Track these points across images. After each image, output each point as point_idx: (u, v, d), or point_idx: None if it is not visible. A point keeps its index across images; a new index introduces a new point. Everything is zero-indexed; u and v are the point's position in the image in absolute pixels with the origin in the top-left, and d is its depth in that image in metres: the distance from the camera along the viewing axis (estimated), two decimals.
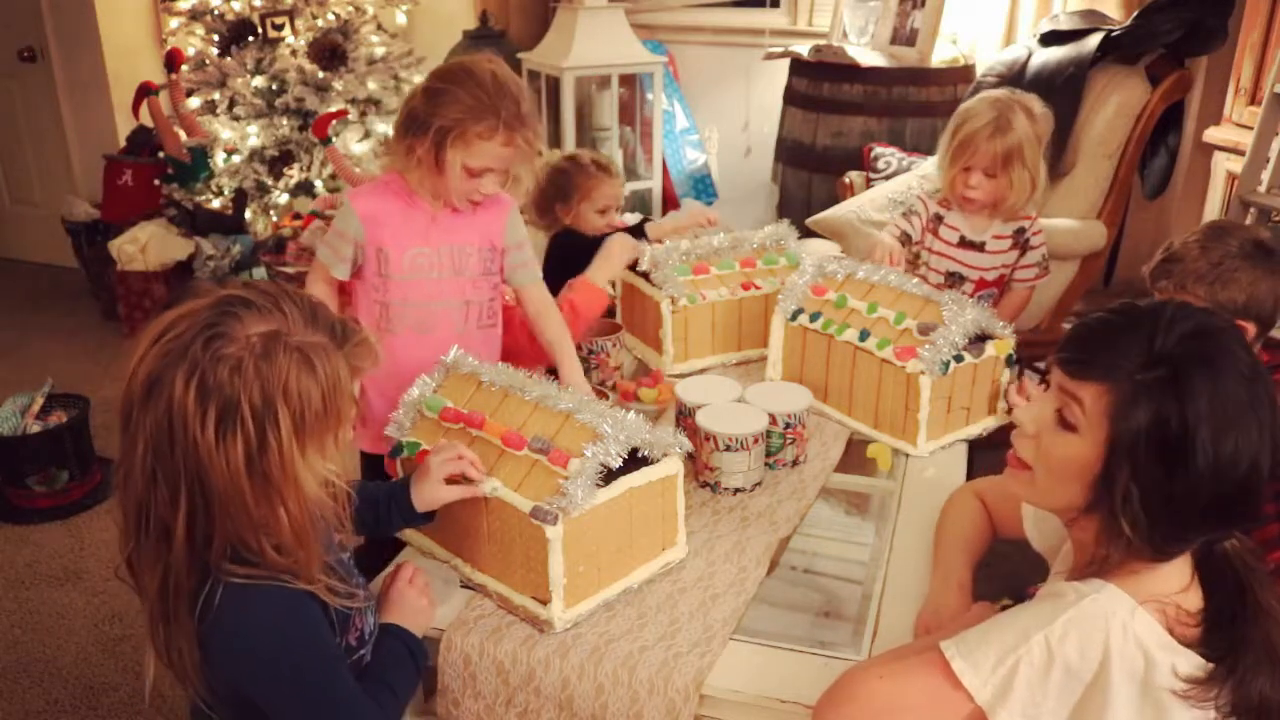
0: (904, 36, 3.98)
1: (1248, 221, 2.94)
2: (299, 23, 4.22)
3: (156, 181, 4.21)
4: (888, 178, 3.58)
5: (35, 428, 2.95)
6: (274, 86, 4.18)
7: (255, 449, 1.00)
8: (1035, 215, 2.28)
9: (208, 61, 4.20)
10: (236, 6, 4.17)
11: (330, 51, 4.20)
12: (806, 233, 3.30)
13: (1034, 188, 2.17)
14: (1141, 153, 3.31)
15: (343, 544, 1.21)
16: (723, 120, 5.01)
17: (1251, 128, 3.01)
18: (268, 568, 1.04)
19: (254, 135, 4.19)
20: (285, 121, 4.19)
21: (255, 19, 4.20)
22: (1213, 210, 3.35)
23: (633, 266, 2.10)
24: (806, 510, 1.59)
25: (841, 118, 3.90)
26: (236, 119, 4.20)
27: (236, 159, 4.21)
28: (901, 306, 1.79)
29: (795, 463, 1.70)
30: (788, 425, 1.67)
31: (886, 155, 3.66)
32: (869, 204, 3.38)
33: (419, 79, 3.22)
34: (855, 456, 1.78)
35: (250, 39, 4.21)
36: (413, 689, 1.24)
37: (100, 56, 4.41)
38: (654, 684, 1.20)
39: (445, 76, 1.71)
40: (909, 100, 3.85)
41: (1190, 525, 0.98)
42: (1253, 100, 3.19)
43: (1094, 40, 3.32)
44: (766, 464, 1.67)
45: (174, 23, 4.31)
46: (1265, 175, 2.94)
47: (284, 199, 4.26)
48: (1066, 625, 0.97)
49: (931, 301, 1.78)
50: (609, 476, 1.29)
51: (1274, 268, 1.59)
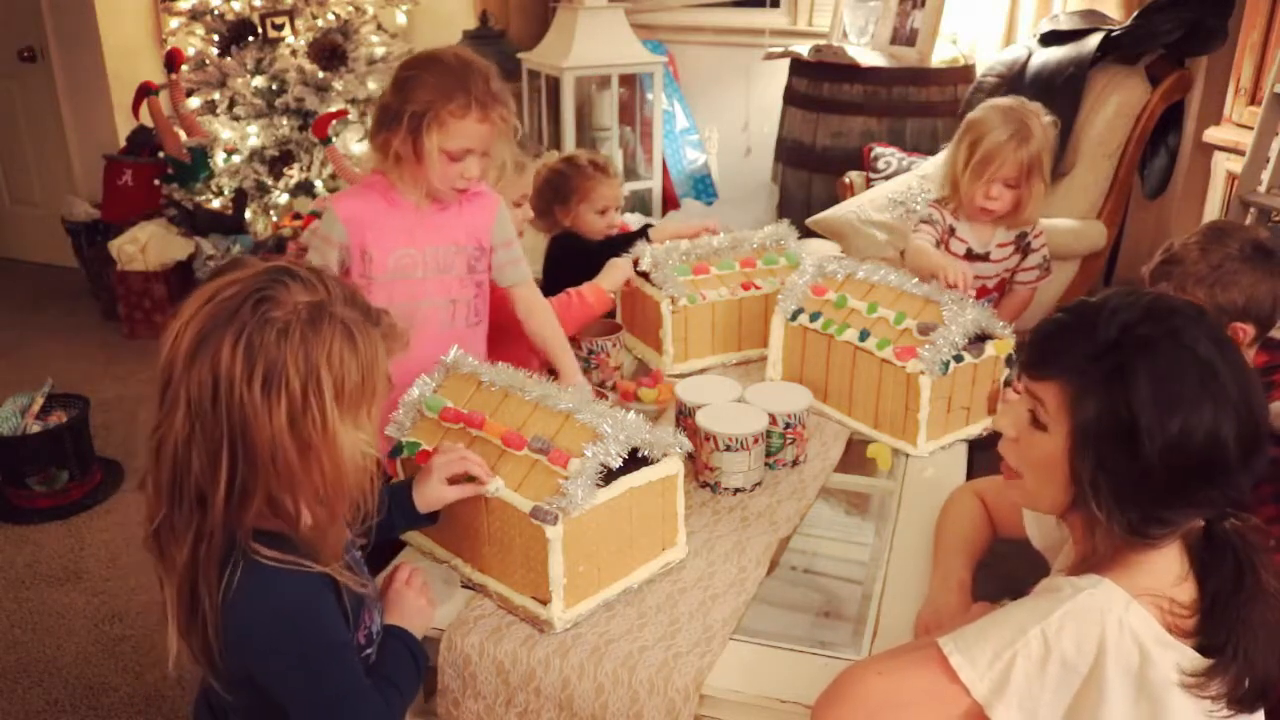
0: (904, 36, 3.98)
1: (1248, 221, 2.93)
2: (299, 23, 4.22)
3: (156, 181, 4.21)
4: (888, 178, 3.58)
5: (35, 428, 2.95)
6: (274, 86, 4.18)
7: (299, 411, 1.01)
8: (1036, 219, 2.27)
9: (208, 61, 4.20)
10: (236, 6, 4.18)
11: (330, 51, 4.20)
12: (806, 233, 3.30)
13: (1045, 194, 2.17)
14: (1141, 153, 3.31)
15: (353, 540, 1.21)
16: (723, 120, 5.01)
17: (1251, 128, 3.01)
18: (294, 544, 1.05)
19: (254, 135, 4.19)
20: (285, 121, 4.20)
21: (255, 19, 4.20)
22: (1213, 210, 3.34)
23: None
24: (806, 510, 1.59)
25: (841, 118, 3.90)
26: (236, 119, 4.21)
27: (236, 159, 4.21)
28: (901, 306, 1.79)
29: (795, 463, 1.70)
30: (788, 425, 1.67)
31: (886, 155, 3.66)
32: (869, 204, 3.38)
33: None
34: (855, 456, 1.78)
35: (250, 39, 4.21)
36: (415, 690, 1.24)
37: (100, 56, 4.41)
38: (654, 684, 1.20)
39: (410, 65, 1.72)
40: (909, 100, 3.85)
41: (1161, 504, 0.99)
42: (1253, 100, 3.18)
43: (1094, 40, 3.32)
44: (766, 464, 1.67)
45: (174, 23, 4.31)
46: (1265, 175, 2.94)
47: (284, 199, 4.26)
48: (1063, 619, 0.97)
49: (931, 301, 1.78)
50: (609, 476, 1.29)
51: (1273, 269, 1.60)
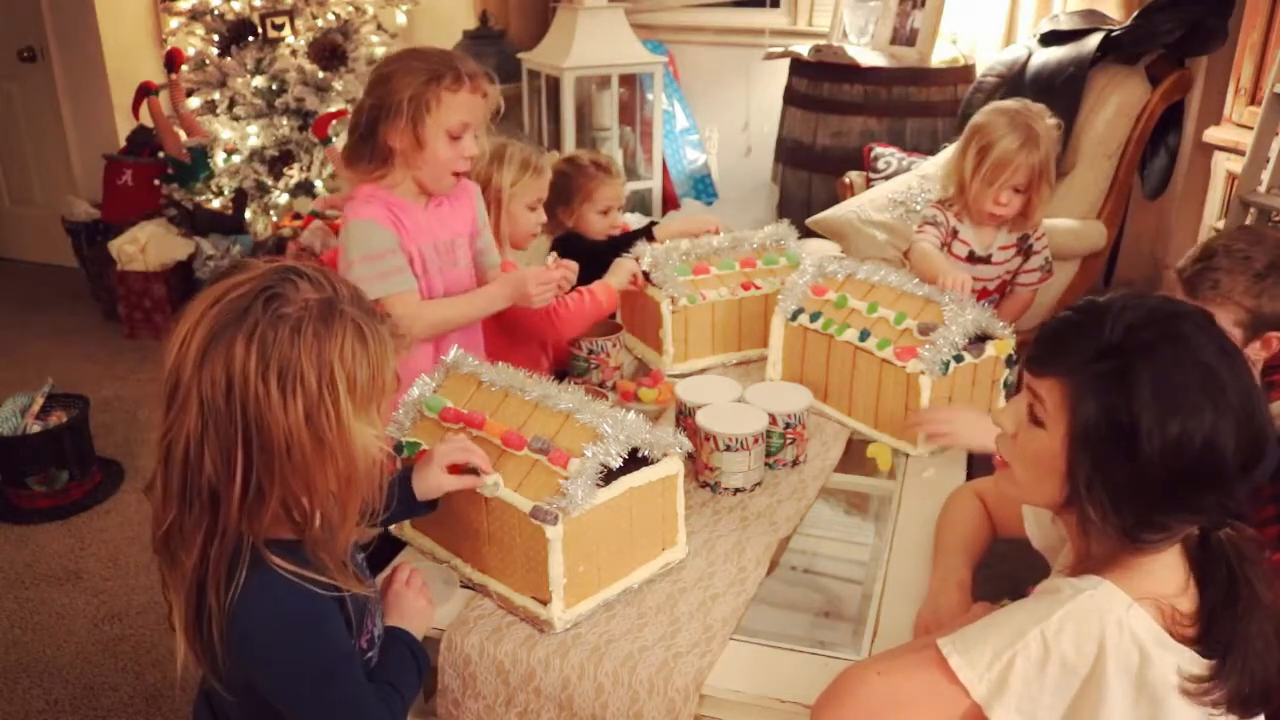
0: (904, 36, 3.98)
1: (1247, 221, 2.93)
2: (299, 23, 4.22)
3: (156, 181, 4.21)
4: (888, 178, 3.58)
5: (35, 428, 2.95)
6: (274, 86, 4.18)
7: (314, 406, 1.01)
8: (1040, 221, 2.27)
9: (208, 61, 4.20)
10: (236, 6, 4.17)
11: (330, 51, 4.20)
12: (806, 233, 3.30)
13: (1050, 197, 2.17)
14: (1141, 153, 3.31)
15: (356, 542, 1.21)
16: (723, 120, 5.01)
17: (1251, 128, 3.01)
18: (304, 555, 1.05)
19: (254, 135, 4.19)
20: (285, 121, 4.19)
21: (255, 19, 4.20)
22: (1213, 210, 3.34)
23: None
24: (806, 510, 1.59)
25: (841, 118, 3.90)
26: (236, 119, 4.20)
27: (236, 159, 4.21)
28: (901, 307, 1.79)
29: (795, 463, 1.70)
30: (788, 425, 1.67)
31: (886, 155, 3.66)
32: (869, 204, 3.38)
33: None
34: (855, 456, 1.78)
35: (250, 39, 4.21)
36: (416, 691, 1.24)
37: (100, 56, 4.41)
38: (654, 684, 1.20)
39: (388, 63, 1.74)
40: (909, 100, 3.85)
41: (1154, 509, 0.98)
42: (1253, 100, 3.18)
43: (1094, 40, 3.32)
44: (766, 464, 1.67)
45: (174, 23, 4.31)
46: (1265, 175, 2.94)
47: (284, 199, 4.26)
48: (1062, 620, 0.97)
49: (931, 301, 1.78)
50: (609, 476, 1.29)
51: None
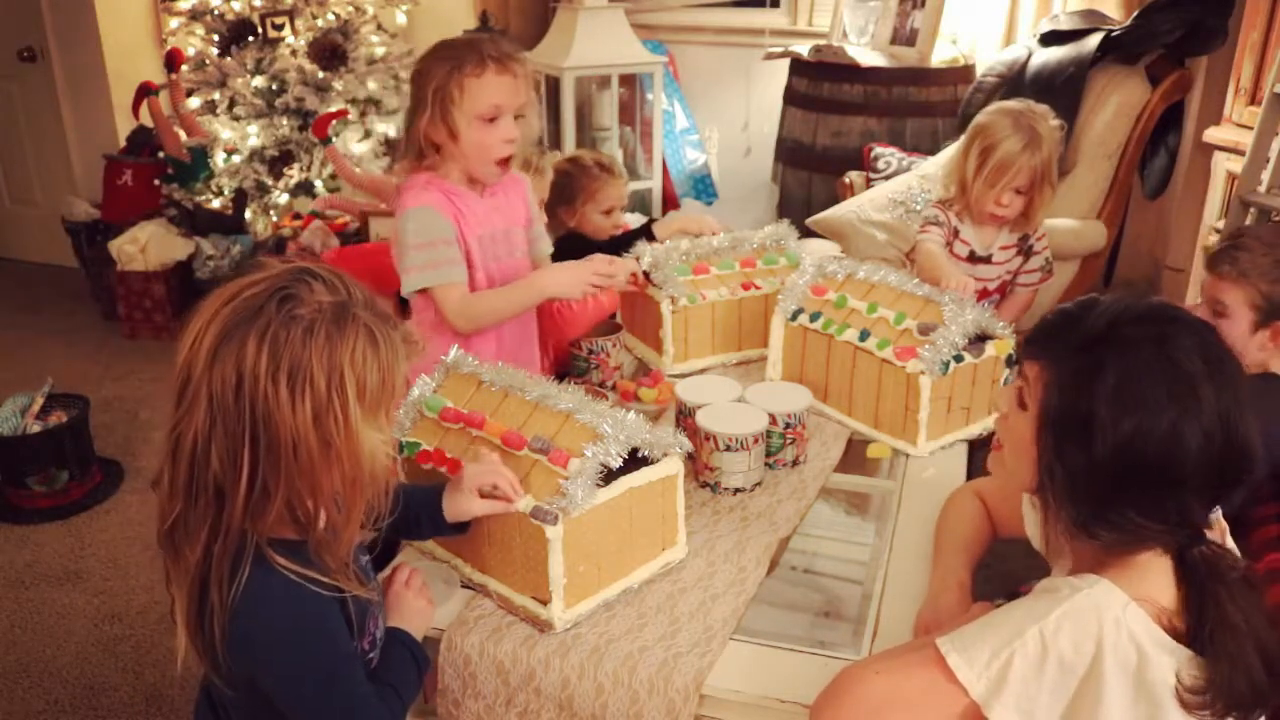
0: (904, 36, 3.98)
1: (1247, 222, 2.93)
2: (299, 23, 4.23)
3: (156, 181, 4.21)
4: (888, 178, 3.58)
5: (35, 428, 2.95)
6: (274, 86, 4.18)
7: (323, 408, 1.01)
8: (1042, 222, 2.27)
9: (208, 61, 4.20)
10: (236, 6, 4.18)
11: (330, 51, 4.20)
12: (806, 233, 3.30)
13: (1052, 198, 2.17)
14: (1141, 153, 3.31)
15: (361, 545, 1.21)
16: (723, 120, 5.01)
17: (1251, 128, 3.01)
18: (308, 556, 1.05)
19: (254, 135, 4.19)
20: (285, 121, 4.20)
21: (255, 19, 4.20)
22: (1213, 210, 3.34)
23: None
24: (806, 510, 1.59)
25: (841, 118, 3.91)
26: (236, 119, 4.21)
27: (236, 159, 4.21)
28: (901, 307, 1.79)
29: (795, 463, 1.70)
30: (788, 425, 1.67)
31: (886, 155, 3.66)
32: (869, 204, 3.38)
33: None
34: (855, 456, 1.78)
35: (250, 39, 4.21)
36: (416, 691, 1.24)
37: (100, 56, 4.41)
38: (654, 684, 1.20)
39: (419, 61, 1.78)
40: (909, 100, 3.85)
41: (1106, 503, 0.99)
42: (1253, 100, 3.18)
43: (1094, 40, 3.32)
44: (766, 464, 1.67)
45: (174, 23, 4.31)
46: (1265, 175, 2.94)
47: (284, 199, 4.26)
48: (1060, 619, 0.97)
49: (931, 301, 1.78)
50: (609, 476, 1.29)
51: None
